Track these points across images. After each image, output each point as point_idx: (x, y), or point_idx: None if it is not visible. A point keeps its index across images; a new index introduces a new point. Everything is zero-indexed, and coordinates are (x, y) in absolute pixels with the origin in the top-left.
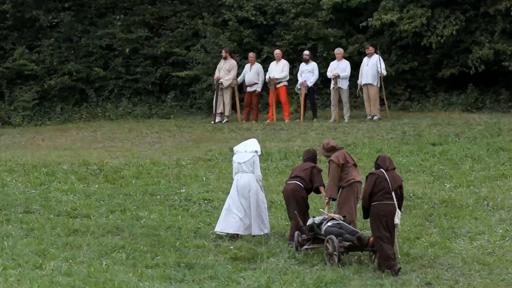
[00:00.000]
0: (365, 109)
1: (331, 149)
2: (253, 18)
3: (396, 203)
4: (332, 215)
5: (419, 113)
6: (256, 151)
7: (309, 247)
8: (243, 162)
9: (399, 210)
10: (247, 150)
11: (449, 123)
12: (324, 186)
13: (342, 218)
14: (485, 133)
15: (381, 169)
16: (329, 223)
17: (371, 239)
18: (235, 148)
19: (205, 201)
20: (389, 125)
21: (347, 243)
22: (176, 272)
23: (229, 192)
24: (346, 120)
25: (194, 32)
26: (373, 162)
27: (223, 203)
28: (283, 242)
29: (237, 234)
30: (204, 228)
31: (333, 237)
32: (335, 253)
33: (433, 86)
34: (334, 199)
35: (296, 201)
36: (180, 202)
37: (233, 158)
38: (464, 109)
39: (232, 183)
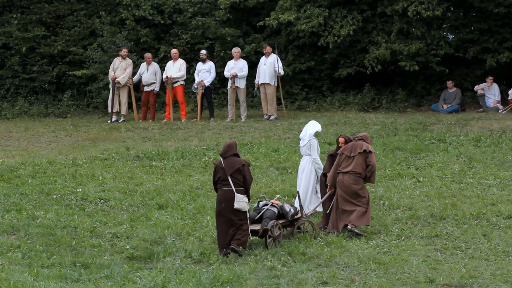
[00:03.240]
0: (262, 108)
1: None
2: (150, 17)
3: (233, 188)
4: (272, 201)
5: (315, 112)
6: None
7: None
8: (303, 146)
9: (238, 194)
10: (307, 133)
11: (345, 123)
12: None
13: (279, 205)
14: (381, 133)
15: (221, 159)
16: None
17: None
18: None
19: (102, 200)
20: (286, 125)
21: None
22: (72, 271)
23: None
24: (243, 120)
25: (91, 31)
26: (269, 162)
27: (119, 203)
28: (180, 242)
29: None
30: (100, 228)
31: None
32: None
33: (330, 85)
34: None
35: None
36: (76, 201)
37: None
38: (361, 108)
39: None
